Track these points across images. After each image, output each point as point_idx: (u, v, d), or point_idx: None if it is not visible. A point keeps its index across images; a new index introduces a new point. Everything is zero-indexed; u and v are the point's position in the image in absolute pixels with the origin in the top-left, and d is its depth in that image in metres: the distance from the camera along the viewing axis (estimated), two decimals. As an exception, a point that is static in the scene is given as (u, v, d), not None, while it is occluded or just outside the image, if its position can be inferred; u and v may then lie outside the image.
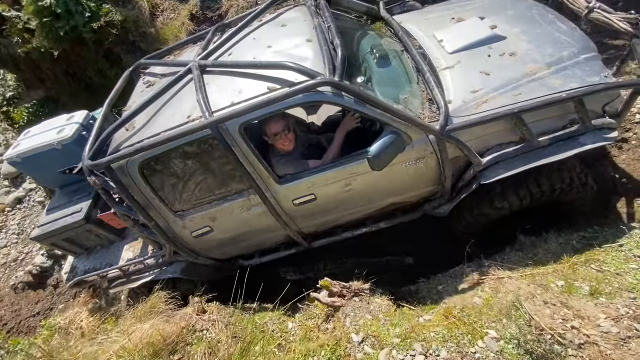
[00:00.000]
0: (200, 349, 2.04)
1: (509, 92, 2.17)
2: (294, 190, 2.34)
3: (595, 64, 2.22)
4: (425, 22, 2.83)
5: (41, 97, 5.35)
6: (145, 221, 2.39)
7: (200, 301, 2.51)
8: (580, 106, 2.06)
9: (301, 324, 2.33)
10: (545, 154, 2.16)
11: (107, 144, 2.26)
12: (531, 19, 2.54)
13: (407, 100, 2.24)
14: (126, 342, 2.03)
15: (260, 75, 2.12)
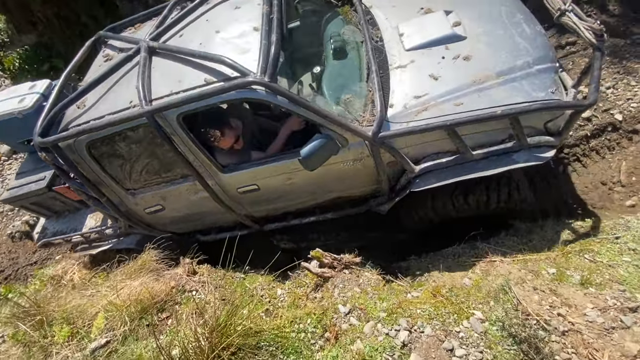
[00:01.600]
0: (188, 309, 2.06)
1: (452, 100, 2.13)
2: (237, 179, 2.38)
3: (546, 76, 2.13)
4: (393, 10, 2.72)
5: (33, 42, 5.09)
6: (96, 196, 2.46)
7: (191, 262, 2.51)
8: (516, 123, 2.01)
9: (290, 291, 2.34)
10: (477, 167, 2.15)
11: (59, 119, 2.28)
12: (497, 17, 2.43)
13: (348, 101, 2.24)
14: (114, 298, 2.05)
15: (201, 64, 2.09)
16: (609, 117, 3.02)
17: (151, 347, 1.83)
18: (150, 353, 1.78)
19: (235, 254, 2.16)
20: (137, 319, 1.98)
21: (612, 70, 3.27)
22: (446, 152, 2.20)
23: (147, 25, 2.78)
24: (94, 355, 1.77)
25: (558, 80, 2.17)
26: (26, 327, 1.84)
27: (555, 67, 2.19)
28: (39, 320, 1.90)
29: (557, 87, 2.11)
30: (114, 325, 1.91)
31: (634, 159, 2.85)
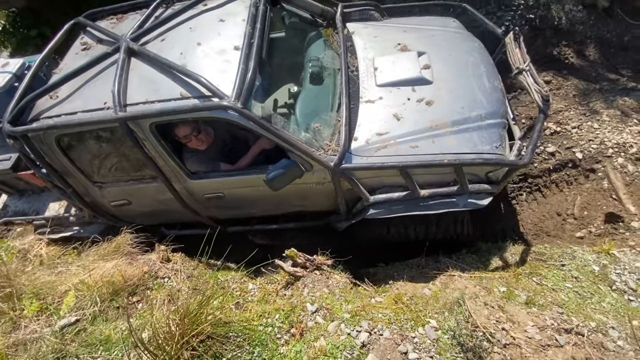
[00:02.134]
0: (159, 295, 2.11)
1: (409, 142, 2.33)
2: (204, 186, 2.49)
3: (494, 131, 2.35)
4: (373, 41, 2.88)
5: (22, 6, 4.88)
6: (62, 186, 2.48)
7: (165, 249, 2.55)
8: (459, 172, 2.22)
9: (261, 287, 2.43)
10: (423, 205, 2.38)
11: (30, 107, 2.27)
12: (464, 66, 2.63)
13: (317, 129, 2.40)
14: (86, 277, 2.07)
15: (178, 77, 2.13)
16: (570, 155, 3.30)
17: (120, 329, 1.87)
18: (119, 334, 1.82)
19: (214, 246, 2.23)
20: (107, 300, 2.01)
21: (579, 111, 3.58)
22: (399, 187, 2.39)
23: (129, 19, 2.73)
24: (63, 332, 1.79)
25: (504, 135, 2.41)
26: (-6, 298, 1.84)
27: (503, 123, 2.41)
28: (8, 293, 1.89)
29: (502, 142, 2.35)
30: (84, 305, 1.94)
31: (587, 195, 3.13)
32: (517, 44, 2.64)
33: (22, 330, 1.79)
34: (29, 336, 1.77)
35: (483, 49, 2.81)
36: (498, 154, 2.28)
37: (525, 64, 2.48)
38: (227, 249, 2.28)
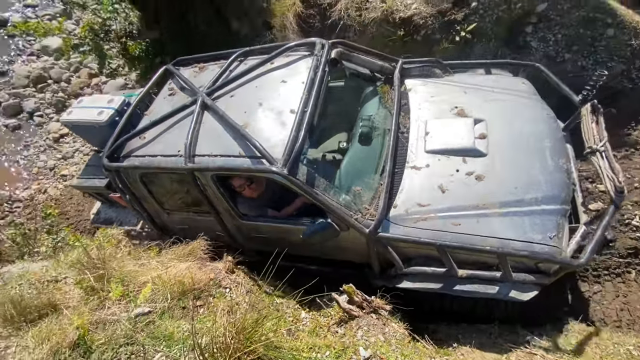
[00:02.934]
0: (220, 304, 2.19)
1: (451, 218, 2.19)
2: (251, 227, 2.69)
3: (550, 219, 2.11)
4: (429, 101, 2.77)
5: (154, 37, 5.98)
6: (140, 210, 2.93)
7: (232, 261, 2.68)
8: (503, 259, 2.03)
9: (313, 318, 2.38)
10: (460, 286, 2.20)
11: (124, 145, 2.72)
12: (526, 139, 2.39)
13: (357, 193, 2.40)
14: (163, 273, 2.26)
15: (239, 135, 2.35)
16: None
17: (182, 329, 1.97)
18: (181, 334, 1.92)
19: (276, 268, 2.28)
20: (176, 299, 2.15)
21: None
22: (436, 260, 2.23)
23: (208, 69, 3.02)
24: (136, 320, 1.96)
25: (563, 223, 2.12)
26: (91, 277, 2.11)
27: (563, 209, 2.13)
28: (101, 275, 2.16)
29: (560, 232, 2.06)
30: (157, 298, 2.10)
31: (625, 297, 2.47)
32: (595, 118, 2.32)
33: (105, 310, 2.00)
34: (109, 317, 1.97)
35: (553, 119, 2.53)
36: (551, 245, 2.02)
37: (601, 143, 2.17)
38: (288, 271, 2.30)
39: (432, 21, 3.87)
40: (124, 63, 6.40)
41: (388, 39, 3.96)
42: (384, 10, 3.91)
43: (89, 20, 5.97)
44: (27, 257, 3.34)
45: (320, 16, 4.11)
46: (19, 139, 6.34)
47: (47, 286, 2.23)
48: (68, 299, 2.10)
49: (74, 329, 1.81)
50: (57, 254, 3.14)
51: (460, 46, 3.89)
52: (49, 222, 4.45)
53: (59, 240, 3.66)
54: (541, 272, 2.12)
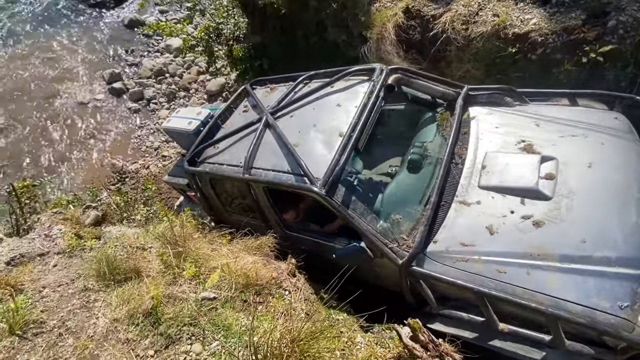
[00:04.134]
0: (279, 306, 2.16)
1: (496, 264, 1.97)
2: (294, 239, 2.78)
3: (624, 285, 1.75)
4: (493, 132, 2.53)
5: (256, 42, 6.48)
6: (206, 207, 3.26)
7: (295, 264, 2.65)
8: (552, 322, 1.78)
9: (369, 345, 2.19)
10: (498, 341, 1.95)
11: (202, 152, 3.07)
12: (607, 185, 2.04)
13: (396, 221, 2.31)
14: (231, 262, 2.33)
15: (290, 154, 2.49)
16: None
17: (240, 323, 1.98)
18: (238, 327, 1.93)
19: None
20: (239, 291, 2.19)
21: None
22: (476, 306, 2.01)
23: (278, 90, 3.24)
24: (202, 303, 2.04)
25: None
26: (170, 252, 2.27)
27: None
28: (180, 252, 2.32)
29: (635, 303, 1.70)
30: (223, 286, 2.16)
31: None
32: None
33: (177, 287, 2.13)
34: (180, 294, 2.08)
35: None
36: (620, 317, 1.68)
37: None
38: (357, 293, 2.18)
39: (554, 39, 3.38)
40: (227, 64, 7.06)
41: (496, 55, 3.58)
42: (495, 24, 3.56)
43: (205, 24, 6.75)
44: (125, 222, 3.82)
45: (421, 28, 3.93)
46: (136, 121, 7.45)
47: (135, 252, 2.48)
48: (149, 268, 2.29)
49: (149, 298, 1.96)
50: (147, 224, 3.52)
51: (587, 70, 3.31)
52: (147, 195, 5.07)
53: (151, 212, 4.13)
54: (606, 346, 1.79)
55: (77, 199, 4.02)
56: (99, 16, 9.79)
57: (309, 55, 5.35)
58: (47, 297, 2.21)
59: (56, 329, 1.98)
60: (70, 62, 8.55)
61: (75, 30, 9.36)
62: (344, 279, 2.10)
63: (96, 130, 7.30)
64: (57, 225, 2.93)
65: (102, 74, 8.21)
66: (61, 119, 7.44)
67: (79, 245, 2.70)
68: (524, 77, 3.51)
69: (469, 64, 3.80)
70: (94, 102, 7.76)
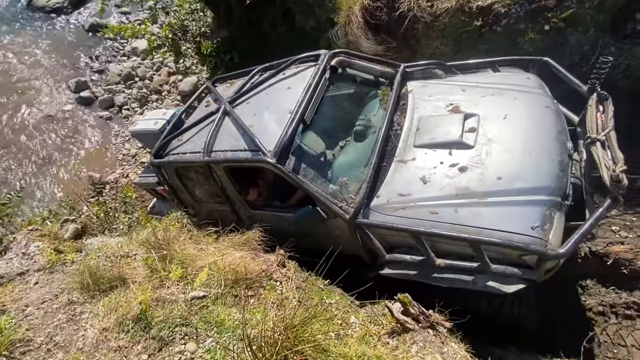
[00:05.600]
0: (271, 297, 2.17)
1: (429, 207, 2.23)
2: (259, 217, 2.90)
3: (536, 209, 2.05)
4: (426, 100, 2.86)
5: (224, 36, 6.33)
6: (175, 199, 3.41)
7: (283, 254, 2.66)
8: (476, 248, 2.02)
9: (363, 324, 2.24)
10: (437, 275, 2.22)
11: (167, 145, 3.25)
12: (520, 132, 2.36)
13: (344, 183, 2.59)
14: (219, 260, 2.31)
15: (246, 134, 2.71)
16: None
17: (233, 317, 1.99)
18: (231, 322, 1.93)
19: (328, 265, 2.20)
20: (229, 287, 2.19)
21: None
22: (417, 248, 2.26)
23: (237, 83, 3.45)
24: (192, 302, 2.03)
25: (554, 216, 2.03)
26: (155, 256, 2.24)
27: (553, 201, 2.05)
28: (165, 255, 2.29)
29: (547, 224, 1.99)
30: (212, 284, 2.16)
31: None
32: (601, 108, 2.27)
33: (165, 289, 2.11)
34: (168, 297, 2.06)
35: (555, 112, 2.48)
36: (532, 236, 1.97)
37: (602, 134, 2.10)
38: (344, 274, 2.21)
39: (517, 9, 3.43)
40: (197, 61, 6.89)
41: (463, 30, 3.62)
42: (459, -1, 3.58)
43: (169, 22, 6.54)
44: (107, 233, 3.74)
45: (387, 8, 3.92)
46: (110, 129, 7.22)
47: (119, 260, 2.44)
48: (135, 275, 2.26)
49: (137, 303, 1.93)
50: (130, 232, 3.46)
51: (550, 36, 3.39)
52: (127, 203, 4.96)
53: (133, 220, 4.05)
54: (529, 267, 2.05)
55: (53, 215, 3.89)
56: (57, 22, 9.35)
57: (279, 45, 5.27)
58: (31, 315, 2.15)
59: (44, 345, 1.94)
60: (31, 73, 8.16)
61: (32, 39, 8.91)
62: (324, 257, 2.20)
63: (68, 143, 7.04)
64: (34, 243, 2.84)
65: (67, 84, 7.88)
66: (28, 135, 7.14)
67: (60, 260, 2.63)
68: (491, 49, 3.56)
69: (437, 41, 3.83)
70: (63, 114, 7.47)
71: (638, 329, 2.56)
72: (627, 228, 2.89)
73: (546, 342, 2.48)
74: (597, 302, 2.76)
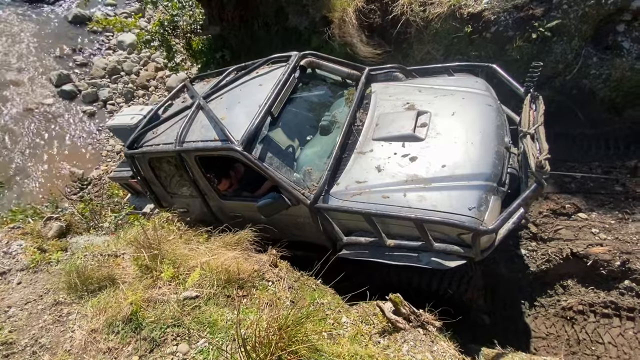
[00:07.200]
0: (262, 297, 2.17)
1: (382, 192, 2.45)
2: (229, 206, 3.05)
3: (474, 193, 2.30)
4: (387, 100, 3.11)
5: (216, 33, 6.25)
6: (148, 192, 3.46)
7: (276, 254, 2.66)
8: (420, 227, 2.22)
9: (354, 323, 2.27)
10: (388, 254, 2.42)
11: (141, 138, 3.31)
12: (464, 127, 2.63)
13: (308, 172, 2.77)
14: (211, 260, 2.29)
15: (217, 125, 2.83)
16: None
17: (226, 317, 1.97)
18: (224, 322, 1.92)
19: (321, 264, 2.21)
20: (221, 287, 2.17)
21: None
22: (371, 233, 2.46)
23: (213, 81, 3.61)
24: (184, 303, 2.00)
25: (490, 199, 2.30)
26: (146, 256, 2.20)
27: (490, 186, 2.33)
28: (155, 255, 2.25)
29: (483, 206, 2.25)
30: (204, 284, 2.13)
31: None
32: (534, 106, 2.62)
33: (156, 289, 2.08)
34: (160, 297, 2.03)
35: (496, 110, 2.79)
36: (468, 216, 2.21)
37: (532, 129, 2.42)
38: (340, 276, 2.23)
39: (506, 17, 3.53)
40: (187, 57, 6.78)
41: (453, 35, 3.70)
42: (450, 5, 3.66)
43: (159, 17, 6.40)
44: (93, 231, 3.63)
45: (381, 11, 3.96)
46: (93, 124, 7.02)
47: (107, 260, 2.38)
48: (125, 275, 2.21)
49: (128, 304, 1.90)
50: (118, 231, 3.38)
51: (537, 45, 3.51)
52: (114, 201, 4.84)
53: (120, 218, 3.96)
54: (468, 245, 2.24)
55: (35, 212, 3.76)
56: (39, 12, 9.01)
57: (272, 44, 5.25)
58: (14, 316, 2.08)
59: (29, 347, 1.87)
60: (10, 63, 7.84)
61: (11, 28, 8.56)
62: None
63: (49, 138, 6.81)
64: (16, 241, 2.74)
65: (49, 77, 7.61)
66: (5, 129, 6.86)
67: (44, 259, 2.55)
68: (480, 55, 3.66)
69: (429, 45, 3.90)
70: (43, 108, 7.21)
71: (614, 327, 2.68)
72: (606, 230, 3.03)
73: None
74: (577, 301, 2.88)
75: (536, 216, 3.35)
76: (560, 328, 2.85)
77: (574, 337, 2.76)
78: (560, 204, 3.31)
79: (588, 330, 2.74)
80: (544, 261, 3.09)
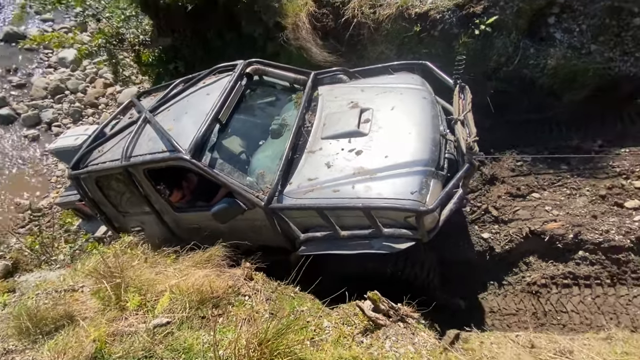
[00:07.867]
0: (241, 313, 2.09)
1: (332, 187, 2.55)
2: (185, 218, 3.04)
3: (415, 178, 2.46)
4: (333, 100, 3.24)
5: (167, 44, 6.01)
6: (98, 213, 3.36)
7: (250, 267, 2.59)
8: (368, 215, 2.35)
9: (336, 326, 2.25)
10: (343, 245, 2.51)
11: (87, 157, 3.22)
12: (403, 119, 2.81)
13: (260, 174, 2.82)
14: (180, 282, 2.18)
15: (164, 137, 2.82)
16: None
17: (202, 340, 1.88)
18: (200, 346, 1.83)
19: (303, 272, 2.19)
20: (194, 309, 2.07)
21: None
22: (328, 227, 2.53)
23: (160, 95, 3.56)
24: (154, 332, 1.88)
25: (430, 183, 2.47)
26: (108, 286, 2.04)
27: (429, 171, 2.50)
28: (118, 284, 2.09)
29: (423, 189, 2.41)
30: (175, 308, 2.02)
31: None
32: (462, 95, 2.85)
33: (122, 321, 1.93)
34: (127, 329, 1.89)
35: (431, 103, 2.99)
36: (411, 199, 2.35)
37: (461, 115, 2.63)
38: (317, 281, 2.20)
39: (450, 15, 3.73)
40: (137, 71, 6.46)
41: (404, 35, 3.84)
42: (398, 6, 3.80)
43: (102, 29, 6.04)
44: (45, 266, 3.33)
45: (333, 15, 4.02)
46: (37, 149, 6.46)
47: (63, 296, 2.18)
48: (85, 310, 2.03)
49: (90, 341, 1.74)
50: (74, 262, 3.12)
51: (480, 40, 3.73)
52: (67, 230, 4.47)
53: (77, 248, 3.66)
54: (415, 227, 2.37)
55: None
56: (-39, 32, 8.18)
57: (226, 52, 5.14)
58: (-45, 374, 1.83)
59: (-24, 408, 1.66)
60: None
61: None
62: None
63: (-14, 168, 6.17)
64: (-48, 288, 2.43)
65: (-20, 101, 6.91)
66: None
67: (-12, 304, 2.28)
68: (430, 52, 3.82)
69: (382, 46, 4.01)
70: (-24, 136, 6.53)
71: (575, 295, 2.89)
72: (558, 207, 3.27)
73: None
74: (539, 276, 3.07)
75: (496, 200, 3.54)
76: (528, 303, 3.02)
77: (540, 309, 2.95)
78: (516, 186, 3.52)
79: (552, 301, 2.93)
80: (507, 242, 3.27)
